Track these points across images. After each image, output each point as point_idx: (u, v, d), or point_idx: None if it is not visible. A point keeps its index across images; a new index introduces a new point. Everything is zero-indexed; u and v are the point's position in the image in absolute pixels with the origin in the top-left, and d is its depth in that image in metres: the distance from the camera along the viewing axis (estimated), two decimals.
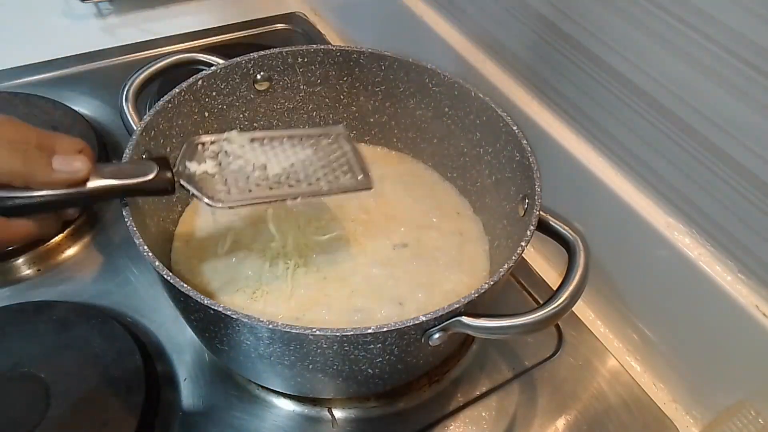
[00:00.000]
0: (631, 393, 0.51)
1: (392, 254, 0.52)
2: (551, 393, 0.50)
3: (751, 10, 0.37)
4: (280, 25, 0.86)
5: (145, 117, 0.46)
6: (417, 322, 0.35)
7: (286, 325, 0.34)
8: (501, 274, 0.39)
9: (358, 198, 0.56)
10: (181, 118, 0.50)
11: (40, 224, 0.37)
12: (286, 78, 0.56)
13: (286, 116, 0.59)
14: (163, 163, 0.39)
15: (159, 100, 0.47)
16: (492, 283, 0.38)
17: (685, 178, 0.46)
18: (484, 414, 0.49)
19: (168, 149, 0.49)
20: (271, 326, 0.34)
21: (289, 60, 0.55)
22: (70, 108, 0.66)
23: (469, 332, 0.38)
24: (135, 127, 0.45)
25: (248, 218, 0.53)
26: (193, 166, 0.41)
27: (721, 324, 0.46)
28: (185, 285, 0.36)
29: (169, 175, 0.39)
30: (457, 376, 0.51)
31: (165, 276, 0.36)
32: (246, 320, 0.34)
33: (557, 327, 0.55)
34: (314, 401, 0.48)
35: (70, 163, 0.36)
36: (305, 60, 0.55)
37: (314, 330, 0.34)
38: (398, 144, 0.61)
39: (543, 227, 0.43)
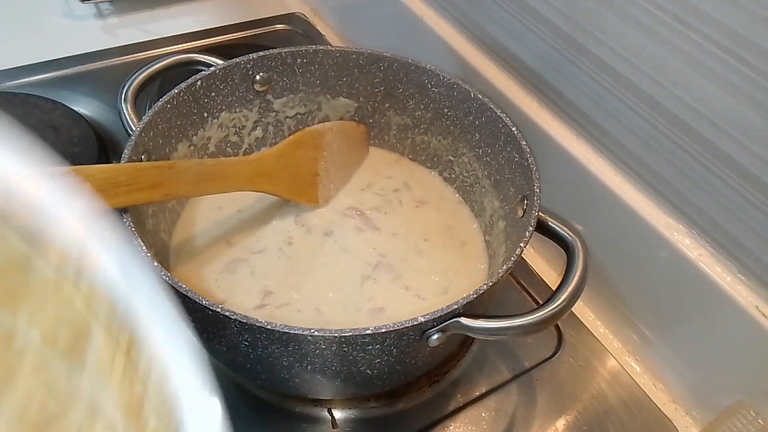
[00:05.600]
0: (631, 393, 0.51)
1: (390, 256, 0.52)
2: (551, 393, 0.50)
3: (751, 10, 0.37)
4: (279, 26, 0.86)
5: (144, 117, 0.46)
6: (415, 322, 0.35)
7: (284, 325, 0.34)
8: (500, 275, 0.39)
9: (354, 199, 0.56)
10: (180, 119, 0.50)
11: None
12: (285, 79, 0.56)
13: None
14: None
15: (159, 100, 0.47)
16: (491, 283, 0.38)
17: (685, 178, 0.46)
18: (483, 414, 0.49)
19: (167, 150, 0.49)
20: (269, 326, 0.34)
21: (288, 60, 0.55)
22: (70, 108, 0.66)
23: (468, 333, 0.38)
24: (134, 128, 0.45)
25: (249, 221, 0.53)
26: None
27: (720, 324, 0.46)
28: (183, 285, 0.36)
29: None
30: (456, 377, 0.51)
31: (163, 276, 0.36)
32: (244, 321, 0.34)
33: (557, 327, 0.55)
34: (314, 402, 0.48)
35: None
36: (304, 61, 0.55)
37: (312, 331, 0.34)
38: (397, 145, 0.61)
39: (542, 228, 0.43)
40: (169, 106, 0.48)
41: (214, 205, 0.54)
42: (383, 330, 0.35)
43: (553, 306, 0.38)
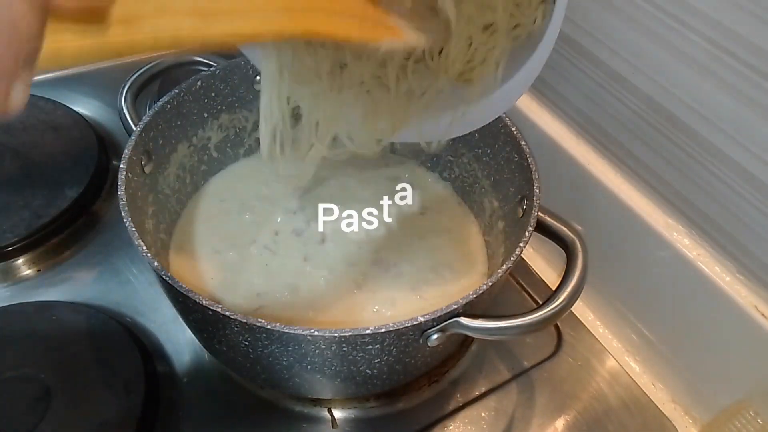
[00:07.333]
0: (631, 393, 0.51)
1: (390, 255, 0.52)
2: (550, 393, 0.50)
3: (751, 11, 0.37)
4: None
5: (144, 117, 0.46)
6: (415, 322, 0.35)
7: (284, 325, 0.34)
8: (499, 275, 0.39)
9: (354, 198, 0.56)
10: (180, 119, 0.50)
11: None
12: None
13: None
14: None
15: (159, 100, 0.47)
16: (490, 283, 0.38)
17: (685, 178, 0.46)
18: (483, 414, 0.49)
19: (167, 150, 0.49)
20: (269, 326, 0.34)
21: None
22: (70, 108, 0.66)
23: (468, 333, 0.38)
24: (134, 128, 0.45)
25: (248, 222, 0.53)
26: None
27: (720, 324, 0.46)
28: (183, 285, 0.36)
29: None
30: (456, 377, 0.51)
31: (163, 276, 0.36)
32: (244, 321, 0.34)
33: (556, 327, 0.55)
34: (313, 401, 0.48)
35: None
36: None
37: (312, 331, 0.34)
38: (396, 145, 0.61)
39: (542, 228, 0.43)
40: (169, 106, 0.48)
41: (216, 200, 0.54)
42: (383, 330, 0.35)
43: (553, 306, 0.38)
